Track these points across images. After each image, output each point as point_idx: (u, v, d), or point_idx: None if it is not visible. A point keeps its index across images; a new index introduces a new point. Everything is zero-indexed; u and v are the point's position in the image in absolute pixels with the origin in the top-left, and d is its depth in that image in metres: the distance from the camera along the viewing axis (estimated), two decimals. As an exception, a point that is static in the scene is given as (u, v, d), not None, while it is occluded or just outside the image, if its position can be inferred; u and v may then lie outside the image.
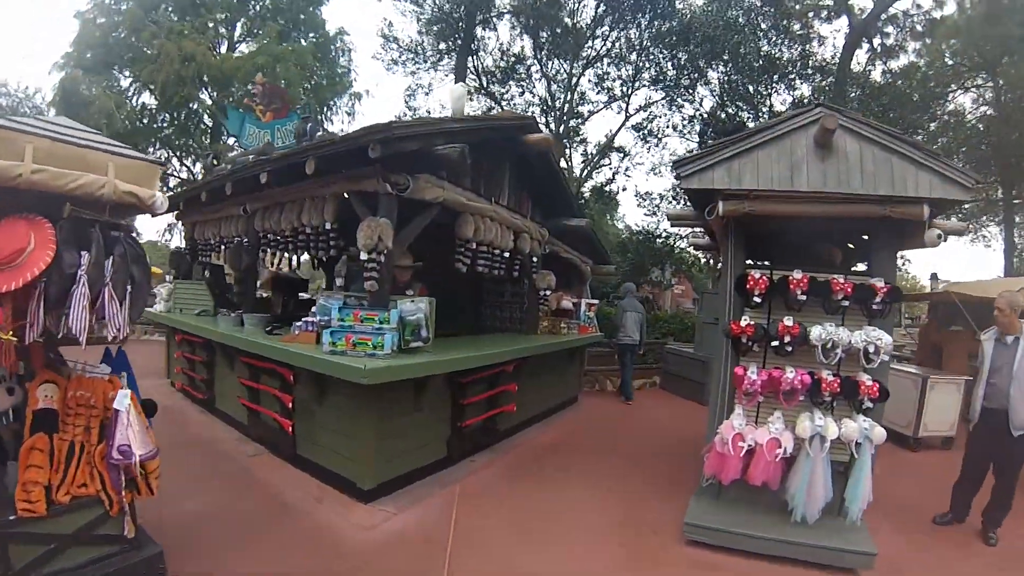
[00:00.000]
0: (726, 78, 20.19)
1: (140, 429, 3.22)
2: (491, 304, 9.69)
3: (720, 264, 5.72)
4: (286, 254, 7.10)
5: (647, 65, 21.45)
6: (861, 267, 5.63)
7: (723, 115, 19.88)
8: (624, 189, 33.88)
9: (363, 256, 5.16)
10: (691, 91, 21.34)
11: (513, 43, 22.60)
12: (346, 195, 5.71)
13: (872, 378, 4.46)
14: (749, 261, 5.29)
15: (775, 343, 4.54)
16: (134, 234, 3.29)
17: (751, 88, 19.78)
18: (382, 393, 4.82)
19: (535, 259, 8.16)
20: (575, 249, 10.00)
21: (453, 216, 6.24)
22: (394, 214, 5.31)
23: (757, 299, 4.62)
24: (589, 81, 22.51)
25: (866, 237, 5.45)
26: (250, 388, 6.44)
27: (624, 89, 22.29)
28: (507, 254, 7.14)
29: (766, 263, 5.25)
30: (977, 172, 7.60)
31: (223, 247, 8.16)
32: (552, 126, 21.54)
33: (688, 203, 5.59)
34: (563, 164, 22.19)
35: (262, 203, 6.79)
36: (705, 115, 21.03)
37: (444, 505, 5.13)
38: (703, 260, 29.06)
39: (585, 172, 23.42)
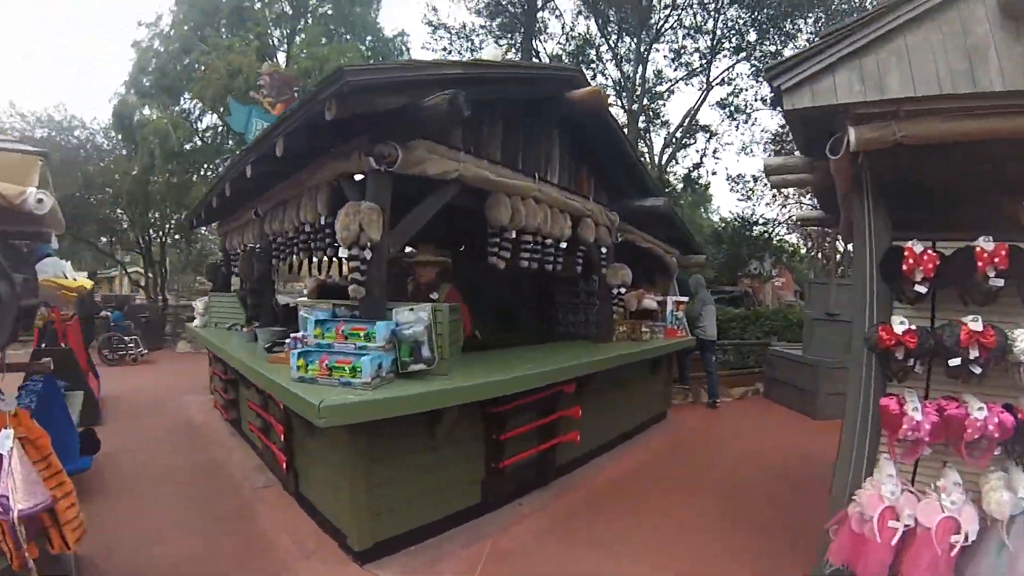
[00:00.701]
0: (816, 39, 17.94)
1: (27, 477, 2.67)
2: (563, 307, 8.29)
3: (843, 239, 4.01)
4: (293, 258, 6.15)
5: (726, 33, 19.50)
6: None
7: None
8: (714, 174, 31.96)
9: (343, 252, 3.92)
10: (780, 55, 19.09)
11: (577, 23, 21.21)
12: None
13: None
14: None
15: (955, 360, 2.83)
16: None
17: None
18: (377, 428, 3.60)
19: (603, 250, 6.59)
20: (655, 236, 8.26)
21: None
22: (386, 196, 4.05)
23: (920, 288, 2.93)
24: (664, 57, 20.82)
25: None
26: (257, 413, 5.59)
27: (703, 63, 20.31)
28: (564, 244, 5.70)
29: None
30: None
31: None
32: (624, 106, 19.87)
33: (790, 143, 3.86)
34: (642, 147, 20.54)
35: (271, 203, 5.89)
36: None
37: (465, 571, 3.89)
38: (804, 250, 26.94)
39: (668, 155, 21.54)
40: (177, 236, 22.04)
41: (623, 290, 6.76)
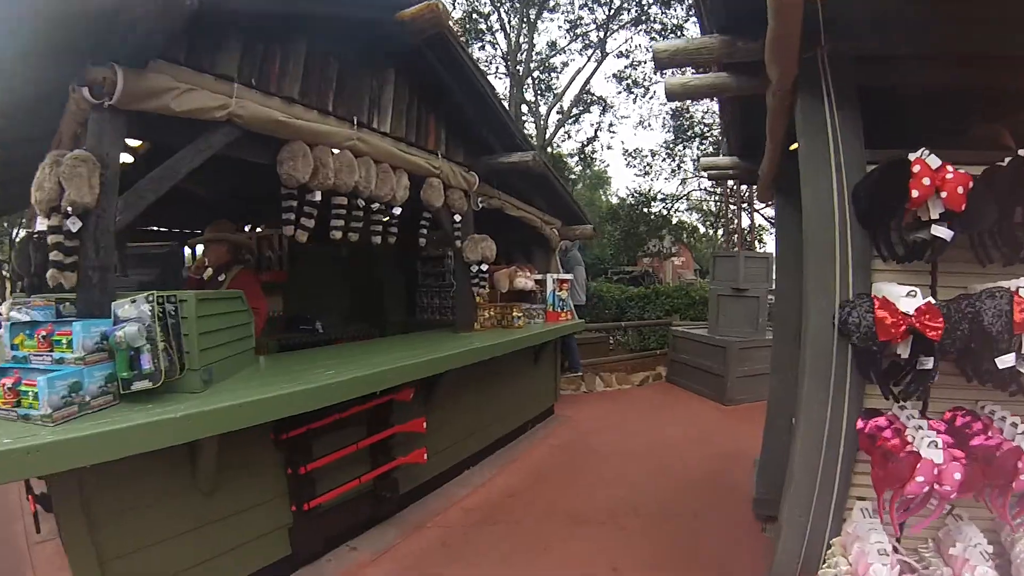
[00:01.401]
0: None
1: None
2: (427, 290, 7.12)
3: (760, 195, 2.96)
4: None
5: (626, 4, 18.68)
6: None
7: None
8: (610, 148, 31.72)
9: (39, 224, 2.71)
10: (681, 32, 18.36)
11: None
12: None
13: None
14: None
15: (1006, 359, 1.70)
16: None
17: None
18: (111, 470, 2.35)
19: (457, 218, 5.38)
20: (532, 204, 7.09)
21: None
22: (112, 143, 2.78)
23: (940, 231, 1.82)
24: (560, 27, 19.97)
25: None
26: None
27: (600, 35, 19.49)
28: (397, 210, 4.50)
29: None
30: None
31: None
32: (509, 70, 18.92)
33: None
34: (530, 121, 19.69)
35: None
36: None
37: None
38: (703, 229, 26.74)
39: (557, 123, 20.75)
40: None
41: (484, 267, 5.61)
